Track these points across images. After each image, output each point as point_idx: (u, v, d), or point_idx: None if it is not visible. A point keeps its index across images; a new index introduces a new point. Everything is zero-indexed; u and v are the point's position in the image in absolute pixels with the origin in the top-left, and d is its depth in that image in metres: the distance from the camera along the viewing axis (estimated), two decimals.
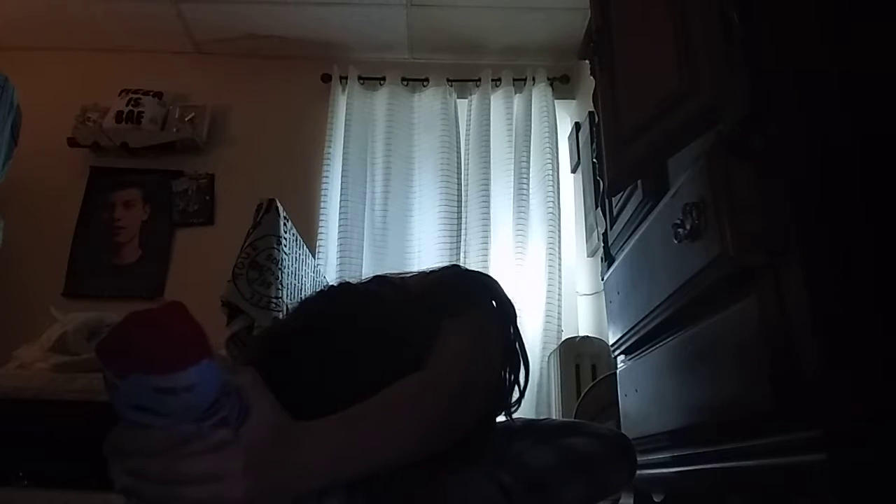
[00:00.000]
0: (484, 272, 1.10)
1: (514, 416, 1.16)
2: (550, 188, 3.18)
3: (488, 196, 3.20)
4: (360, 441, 0.67)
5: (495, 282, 1.05)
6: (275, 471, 0.56)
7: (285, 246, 2.02)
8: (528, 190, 3.19)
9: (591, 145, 2.62)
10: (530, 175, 3.22)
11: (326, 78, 3.44)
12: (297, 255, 2.15)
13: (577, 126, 3.22)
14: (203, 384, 0.49)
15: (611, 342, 1.64)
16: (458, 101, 3.40)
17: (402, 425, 0.71)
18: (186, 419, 0.50)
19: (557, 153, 3.27)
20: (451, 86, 3.38)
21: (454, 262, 2.64)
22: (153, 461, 0.50)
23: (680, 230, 1.11)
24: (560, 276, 3.04)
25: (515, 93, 3.39)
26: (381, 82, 3.42)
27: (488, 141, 3.28)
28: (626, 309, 1.51)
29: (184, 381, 0.48)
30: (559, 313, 2.98)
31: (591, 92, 1.78)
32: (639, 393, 1.49)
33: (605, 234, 1.82)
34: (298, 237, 2.19)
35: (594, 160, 1.95)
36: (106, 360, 0.48)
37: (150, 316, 0.48)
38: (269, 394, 0.58)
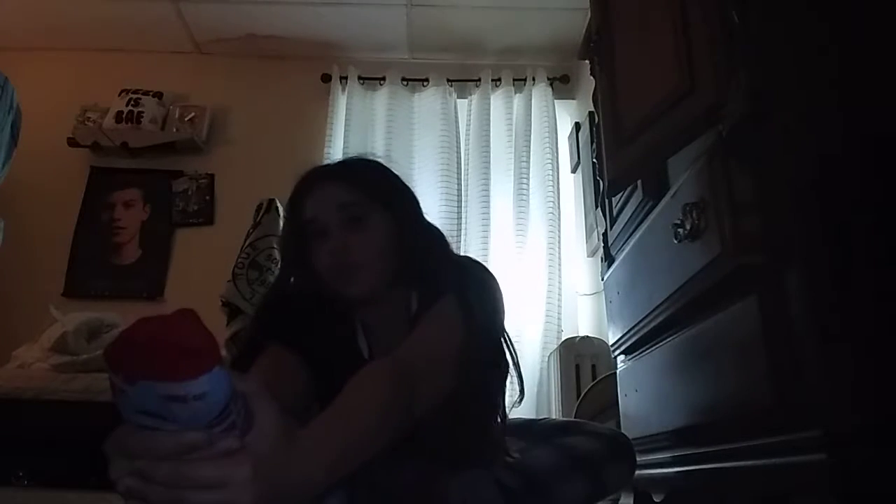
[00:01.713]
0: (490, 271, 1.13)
1: (514, 415, 1.16)
2: (550, 188, 3.18)
3: (488, 196, 3.20)
4: (356, 439, 0.68)
5: (499, 289, 1.09)
6: (280, 478, 0.56)
7: None
8: (528, 190, 3.19)
9: (591, 145, 2.62)
10: (530, 175, 3.21)
11: (326, 78, 3.44)
12: None
13: (577, 126, 3.22)
14: (213, 392, 0.49)
15: (611, 342, 1.64)
16: (458, 101, 3.40)
17: (385, 414, 0.74)
18: (195, 425, 0.50)
19: (557, 153, 3.27)
20: (451, 86, 3.38)
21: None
22: (161, 464, 0.50)
23: (680, 230, 1.11)
24: (560, 276, 3.04)
25: (515, 93, 3.39)
26: (381, 82, 3.42)
27: (488, 141, 3.28)
28: (626, 309, 1.51)
29: (195, 390, 0.47)
30: (559, 313, 2.97)
31: (591, 92, 1.78)
32: (639, 393, 1.49)
33: (605, 234, 1.82)
34: None
35: (594, 160, 1.95)
36: (114, 365, 0.48)
37: (162, 323, 0.47)
38: (275, 401, 0.58)
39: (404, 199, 1.11)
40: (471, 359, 0.98)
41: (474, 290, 1.03)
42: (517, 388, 1.12)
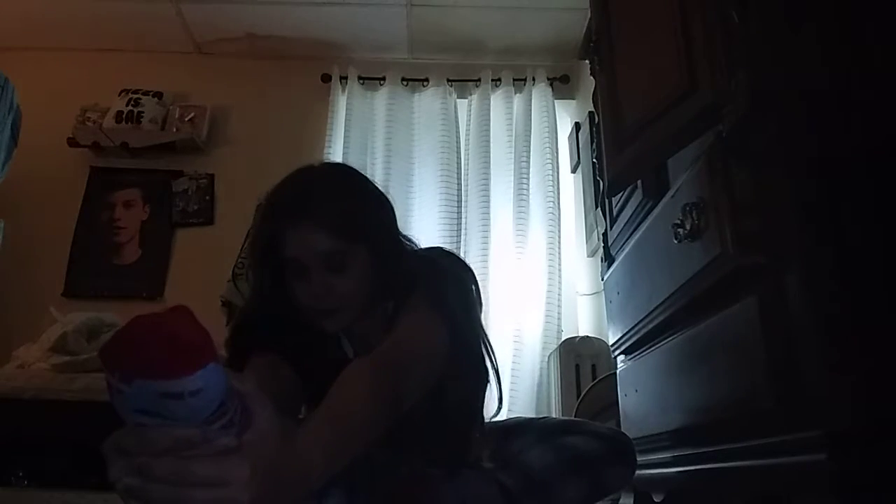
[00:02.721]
0: (465, 264, 1.16)
1: (513, 415, 1.17)
2: (550, 188, 3.18)
3: (488, 196, 3.20)
4: (348, 434, 0.70)
5: (472, 277, 1.12)
6: (278, 477, 0.56)
7: None
8: (528, 190, 3.19)
9: (591, 145, 2.62)
10: (530, 175, 3.21)
11: (326, 78, 3.43)
12: None
13: (577, 126, 3.22)
14: (209, 388, 0.49)
15: (611, 342, 1.64)
16: (458, 101, 3.40)
17: (372, 409, 0.75)
18: (193, 422, 0.50)
19: (557, 153, 3.27)
20: (451, 86, 3.38)
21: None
22: (159, 461, 0.50)
23: (680, 230, 1.11)
24: (560, 276, 3.04)
25: (515, 93, 3.38)
26: (381, 82, 3.42)
27: (488, 141, 3.28)
28: (626, 309, 1.51)
29: (191, 386, 0.47)
30: (559, 313, 2.97)
31: (591, 92, 1.78)
32: (639, 393, 1.49)
33: (605, 234, 1.82)
34: None
35: (594, 160, 1.95)
36: (109, 365, 0.47)
37: (156, 321, 0.47)
38: (270, 402, 0.58)
39: (381, 227, 1.10)
40: (450, 344, 1.00)
41: (443, 281, 1.05)
42: (497, 395, 1.14)
